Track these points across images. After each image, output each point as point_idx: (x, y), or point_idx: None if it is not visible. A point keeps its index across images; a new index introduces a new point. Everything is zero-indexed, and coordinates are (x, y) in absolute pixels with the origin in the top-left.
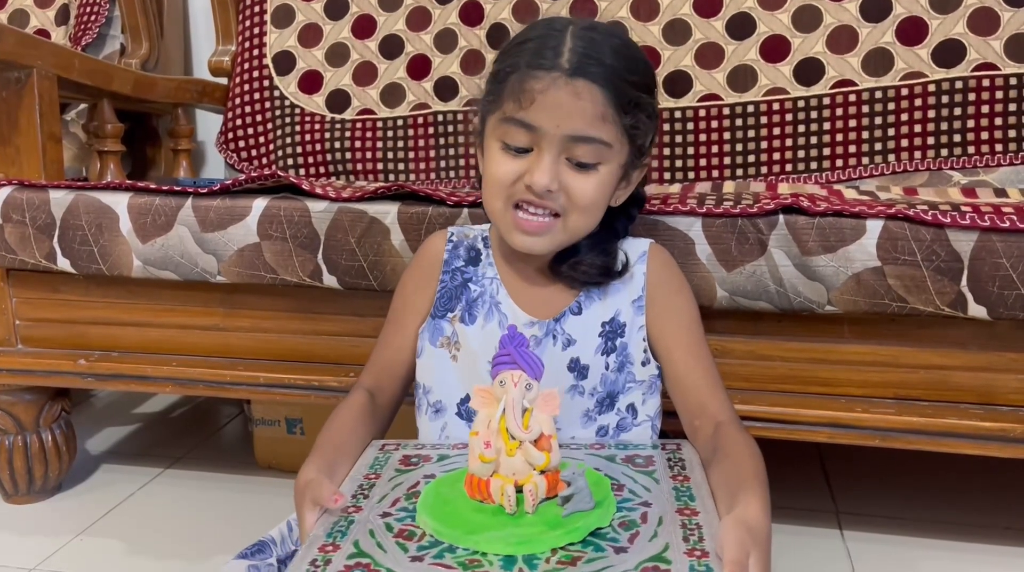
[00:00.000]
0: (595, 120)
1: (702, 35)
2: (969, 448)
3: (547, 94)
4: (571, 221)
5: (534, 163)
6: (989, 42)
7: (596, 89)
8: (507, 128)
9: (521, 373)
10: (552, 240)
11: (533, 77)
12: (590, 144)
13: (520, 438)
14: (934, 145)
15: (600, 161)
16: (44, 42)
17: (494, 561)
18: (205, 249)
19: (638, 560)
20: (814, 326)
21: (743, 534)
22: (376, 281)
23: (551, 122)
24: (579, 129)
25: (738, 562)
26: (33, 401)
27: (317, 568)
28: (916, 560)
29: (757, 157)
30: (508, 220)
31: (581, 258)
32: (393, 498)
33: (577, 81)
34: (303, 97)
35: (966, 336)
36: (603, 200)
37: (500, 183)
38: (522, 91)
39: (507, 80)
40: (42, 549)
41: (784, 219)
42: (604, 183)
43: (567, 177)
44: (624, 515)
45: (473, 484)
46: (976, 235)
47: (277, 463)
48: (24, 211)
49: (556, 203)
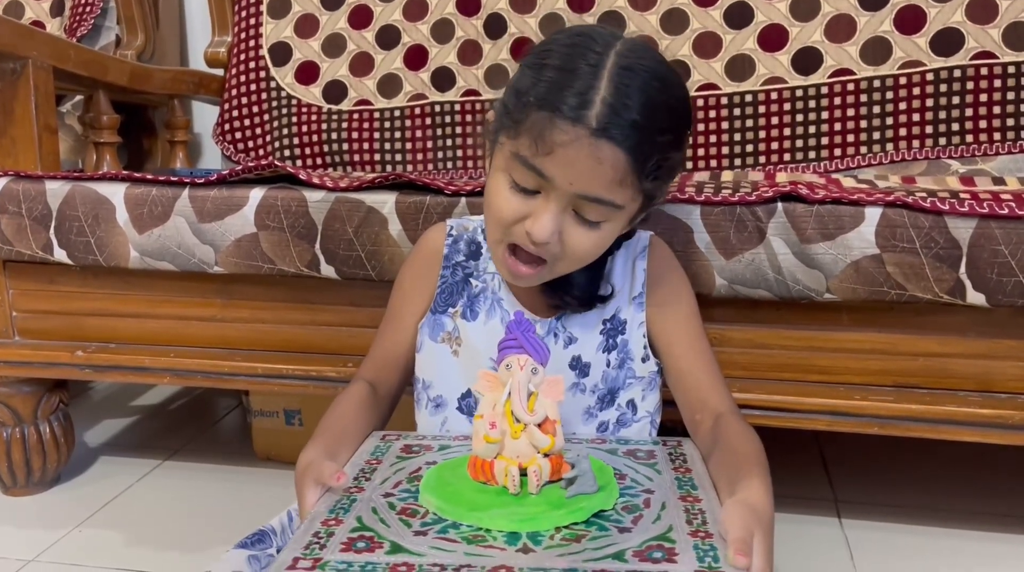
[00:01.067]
0: (612, 185)
1: (700, 24)
2: (968, 435)
3: (568, 149)
4: (559, 267)
5: (538, 212)
6: (987, 30)
7: (620, 154)
8: (518, 167)
9: (527, 357)
10: (540, 278)
11: (556, 127)
12: (601, 206)
13: (525, 421)
14: (932, 134)
15: (607, 220)
16: (39, 32)
17: (498, 537)
18: (202, 239)
19: (642, 539)
20: (813, 314)
21: (746, 513)
22: (374, 271)
23: (565, 178)
24: (593, 191)
25: (743, 540)
26: (31, 393)
27: (320, 540)
28: (915, 547)
29: (755, 146)
30: (499, 254)
31: (570, 289)
32: (395, 481)
33: (602, 143)
34: (300, 88)
35: (965, 323)
36: (599, 253)
37: (501, 221)
38: (541, 138)
39: (528, 113)
40: (41, 541)
41: (783, 207)
42: (605, 239)
43: (568, 228)
44: (627, 500)
45: (477, 466)
46: (975, 222)
47: (276, 454)
48: (20, 202)
49: (548, 253)
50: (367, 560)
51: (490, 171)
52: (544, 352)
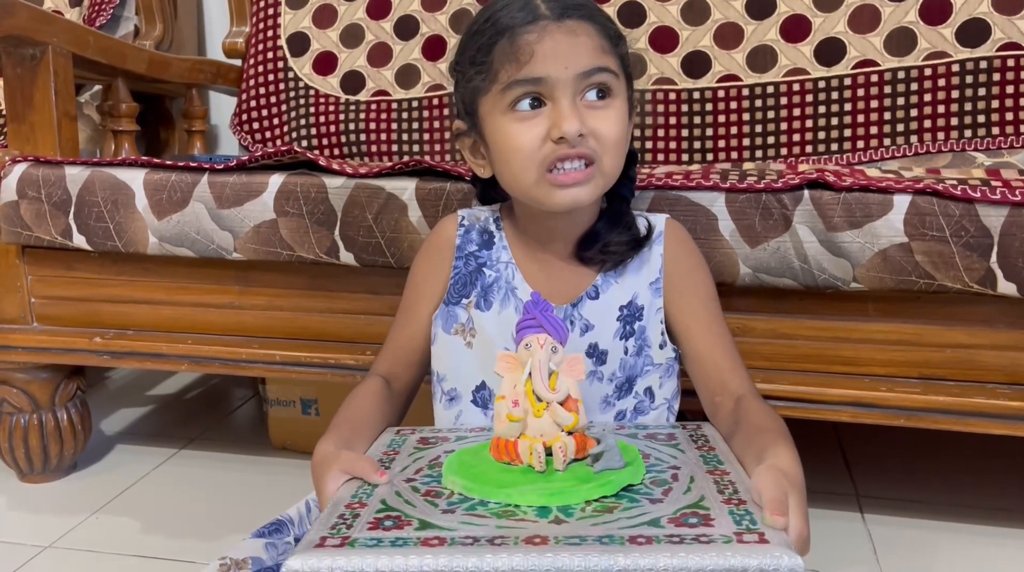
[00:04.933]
0: (597, 52)
1: (721, 15)
2: (996, 428)
3: (544, 43)
4: (606, 163)
5: (556, 115)
6: (1014, 21)
7: (587, 25)
8: (512, 93)
9: (547, 336)
10: (595, 187)
11: (523, 33)
12: (602, 74)
13: (547, 399)
14: (958, 126)
15: (613, 91)
16: (58, 18)
17: (528, 511)
18: (221, 226)
19: (676, 507)
20: (838, 304)
21: (778, 476)
22: (393, 258)
23: (559, 66)
24: (588, 63)
25: (778, 499)
26: (48, 379)
27: (346, 521)
28: (938, 543)
29: (777, 138)
30: (544, 184)
31: (607, 239)
32: (416, 468)
33: (566, 23)
34: (317, 79)
35: (994, 314)
36: (626, 135)
37: (528, 151)
38: (517, 50)
39: (492, 51)
40: (57, 527)
41: (809, 194)
42: (622, 117)
43: (590, 119)
44: (654, 476)
45: (500, 446)
46: (1007, 210)
47: (292, 444)
48: (40, 187)
49: (589, 147)
50: (396, 536)
51: (489, 139)
52: (563, 330)
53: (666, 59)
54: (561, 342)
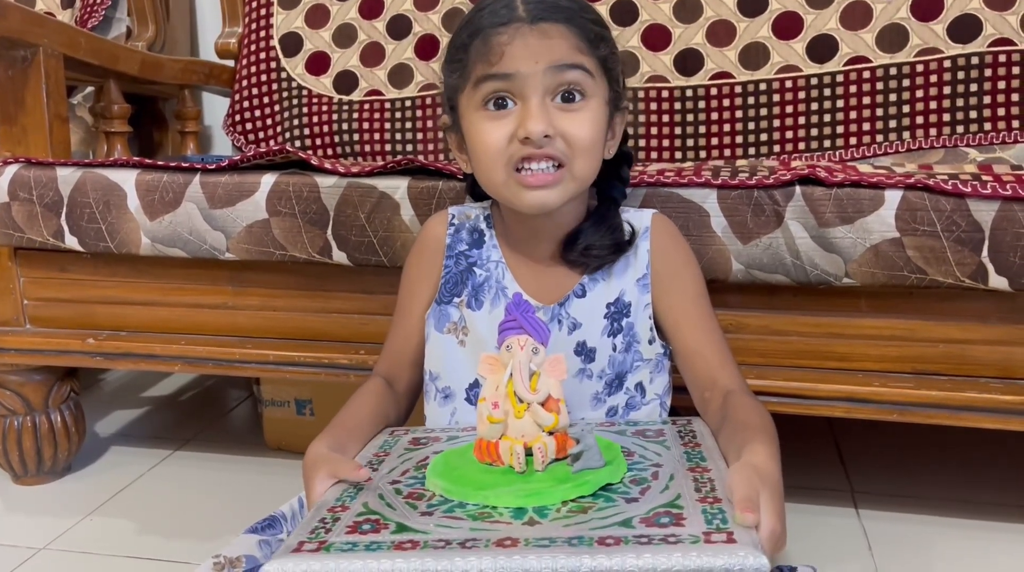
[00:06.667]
0: (571, 51)
1: (713, 12)
2: (989, 422)
3: (514, 44)
4: (576, 167)
5: (523, 114)
6: (1005, 17)
7: (562, 27)
8: (483, 89)
9: (527, 337)
10: (564, 190)
11: (495, 34)
12: (574, 71)
13: (528, 400)
14: (950, 122)
15: (586, 93)
16: (50, 20)
17: (504, 513)
18: (213, 226)
19: (650, 507)
20: (831, 300)
21: (750, 473)
22: (386, 257)
23: (528, 62)
24: (558, 59)
25: (748, 498)
26: (42, 381)
27: (326, 524)
28: (933, 538)
29: (770, 135)
30: (512, 185)
31: (590, 242)
32: (403, 469)
33: (540, 26)
34: (310, 79)
35: (986, 308)
36: (600, 139)
37: (495, 149)
38: (488, 49)
39: (468, 49)
40: (52, 529)
41: (801, 190)
42: (596, 119)
43: (560, 120)
44: (635, 474)
45: (482, 447)
46: (997, 204)
47: (287, 444)
48: (31, 189)
49: (557, 149)
50: (372, 540)
51: (466, 135)
52: (544, 332)
53: (659, 57)
54: (542, 343)
